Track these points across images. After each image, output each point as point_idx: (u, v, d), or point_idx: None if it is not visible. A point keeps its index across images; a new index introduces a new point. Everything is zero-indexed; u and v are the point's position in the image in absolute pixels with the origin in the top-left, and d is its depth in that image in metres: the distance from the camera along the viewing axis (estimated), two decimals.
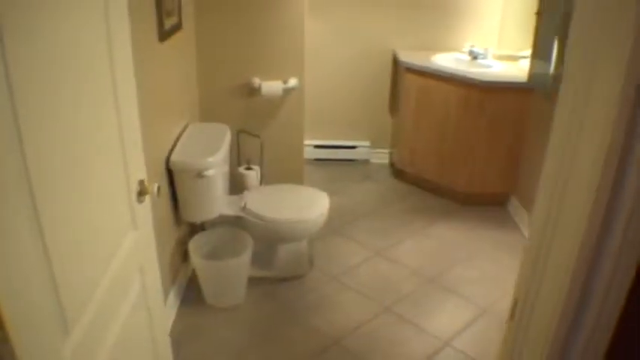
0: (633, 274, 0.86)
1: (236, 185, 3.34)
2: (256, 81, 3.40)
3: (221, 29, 3.30)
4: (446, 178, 4.08)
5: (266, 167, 3.59)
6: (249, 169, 3.36)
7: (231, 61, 3.38)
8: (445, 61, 4.08)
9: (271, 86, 3.39)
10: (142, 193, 1.76)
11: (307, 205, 3.11)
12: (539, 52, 3.30)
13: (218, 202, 2.98)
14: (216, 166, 2.81)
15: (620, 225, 0.84)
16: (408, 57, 4.10)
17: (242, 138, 3.52)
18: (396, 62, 4.36)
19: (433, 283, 3.21)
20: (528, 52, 4.02)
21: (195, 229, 3.15)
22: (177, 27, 2.83)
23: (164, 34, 2.60)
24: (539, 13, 3.23)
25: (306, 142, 4.20)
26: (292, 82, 3.43)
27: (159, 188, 1.82)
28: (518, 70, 3.94)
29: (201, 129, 3.15)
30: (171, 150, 2.78)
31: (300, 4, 3.30)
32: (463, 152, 3.92)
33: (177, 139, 2.92)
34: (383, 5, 4.21)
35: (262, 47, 3.37)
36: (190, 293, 3.03)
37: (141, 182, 1.76)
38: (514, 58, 4.11)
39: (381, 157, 4.71)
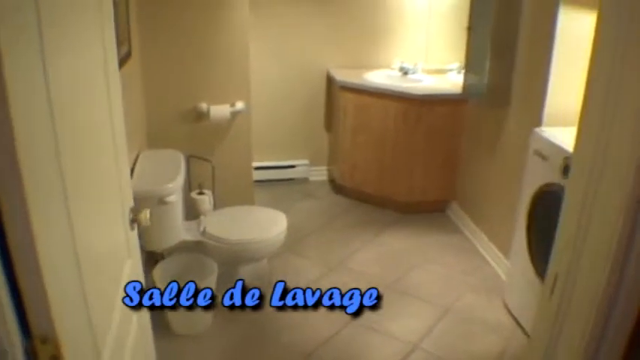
0: None
1: (189, 211, 3.32)
2: (204, 106, 3.42)
3: (167, 56, 3.30)
4: (387, 189, 4.23)
5: (218, 191, 3.59)
6: (201, 193, 3.35)
7: (178, 86, 3.38)
8: (378, 77, 4.26)
9: (219, 110, 3.41)
10: (134, 220, 1.75)
11: (266, 225, 3.15)
12: (472, 64, 3.52)
13: (179, 229, 2.96)
14: (177, 191, 2.81)
15: None
16: (342, 75, 4.24)
17: (192, 163, 3.52)
18: (330, 81, 4.49)
19: (392, 289, 3.32)
20: (455, 64, 4.28)
21: (153, 258, 3.11)
22: (127, 55, 2.82)
23: (119, 63, 2.57)
24: (470, 28, 3.45)
25: None
26: (239, 105, 3.47)
27: (150, 214, 1.82)
28: (448, 82, 4.17)
29: (154, 156, 3.12)
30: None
31: (244, 27, 3.36)
32: (402, 163, 4.09)
33: (132, 168, 2.89)
34: (314, 25, 4.34)
35: (208, 72, 3.39)
36: (156, 323, 2.97)
37: (133, 209, 1.76)
38: (442, 72, 4.35)
39: (320, 174, 4.81)
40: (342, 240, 3.86)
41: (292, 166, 4.72)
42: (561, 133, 2.74)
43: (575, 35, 2.77)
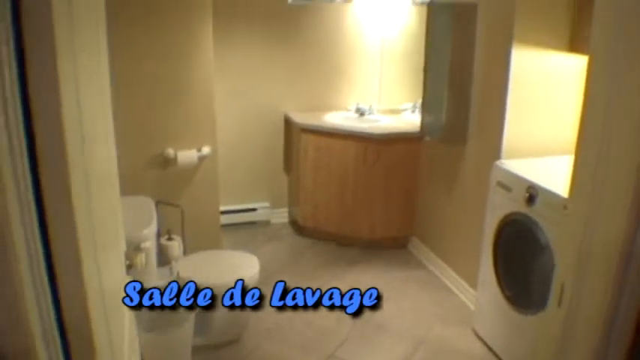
0: None
1: (159, 257, 3.30)
2: (170, 151, 3.44)
3: (133, 103, 3.33)
4: (349, 228, 4.31)
5: (186, 236, 3.59)
6: (170, 239, 3.35)
7: (145, 133, 3.41)
8: (336, 119, 4.39)
9: (187, 155, 3.45)
10: (130, 266, 1.76)
11: (239, 267, 3.16)
12: (429, 104, 3.69)
13: (153, 275, 2.95)
14: (151, 237, 2.81)
15: None
16: (301, 118, 4.35)
17: (160, 209, 3.51)
18: (288, 124, 4.59)
19: (365, 324, 3.37)
20: (409, 104, 4.47)
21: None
22: None
23: None
24: (426, 70, 3.63)
25: None
26: (206, 149, 3.51)
27: (146, 258, 1.83)
28: (403, 121, 4.35)
29: (125, 203, 3.09)
30: None
31: (209, 73, 3.44)
32: (363, 201, 4.19)
33: None
34: (272, 69, 4.44)
35: (175, 117, 3.44)
36: None
37: (127, 254, 1.78)
38: (396, 111, 4.53)
39: (281, 216, 4.86)
40: (309, 279, 3.89)
41: (253, 209, 4.75)
42: (521, 164, 2.92)
43: (527, 71, 2.98)
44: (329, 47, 4.54)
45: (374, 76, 4.64)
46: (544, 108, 3.07)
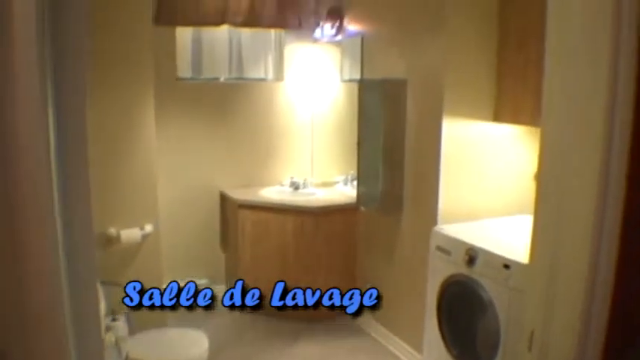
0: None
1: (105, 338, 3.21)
2: (112, 231, 3.42)
3: None
4: (291, 300, 4.34)
5: (131, 315, 3.51)
6: (115, 320, 3.27)
7: None
8: (272, 194, 4.50)
9: (130, 234, 3.44)
10: None
11: (189, 345, 3.13)
12: (363, 176, 3.88)
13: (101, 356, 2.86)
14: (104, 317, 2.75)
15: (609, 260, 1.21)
16: (237, 194, 4.43)
17: (103, 289, 3.44)
18: (224, 200, 4.65)
19: None
20: (341, 177, 4.66)
21: None
22: None
23: None
24: (359, 144, 3.84)
25: None
26: (148, 227, 3.52)
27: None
28: (338, 193, 4.53)
29: None
30: None
31: (152, 153, 3.49)
32: (304, 274, 4.26)
33: None
34: (207, 147, 4.54)
35: (117, 197, 3.43)
36: None
37: None
38: (330, 184, 4.71)
39: (219, 292, 4.82)
40: (254, 355, 3.87)
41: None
42: (458, 228, 3.11)
43: (457, 140, 3.24)
44: (262, 124, 4.71)
45: (306, 151, 4.83)
46: (475, 173, 3.32)
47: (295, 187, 4.62)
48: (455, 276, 2.99)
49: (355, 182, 4.15)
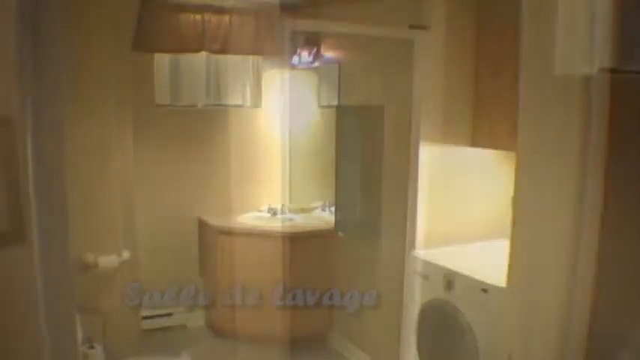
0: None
1: None
2: (90, 256, 3.38)
3: None
4: (269, 326, 4.31)
5: (108, 343, 3.45)
6: (92, 347, 3.22)
7: None
8: (250, 220, 4.49)
9: (108, 260, 3.40)
10: None
11: None
12: (341, 202, 3.90)
13: None
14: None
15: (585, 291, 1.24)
16: (216, 220, 4.41)
17: (79, 315, 3.38)
18: (202, 226, 4.62)
19: None
20: (319, 202, 4.67)
21: None
22: None
23: None
24: (338, 169, 3.87)
25: None
26: (126, 254, 3.48)
27: None
28: (315, 218, 4.54)
29: None
30: None
31: (129, 177, 3.47)
32: (283, 298, 4.24)
33: None
34: (186, 170, 4.55)
35: (93, 222, 3.39)
36: None
37: None
38: (307, 210, 4.72)
39: (197, 319, 4.77)
40: None
41: (169, 314, 4.65)
42: (436, 253, 3.14)
43: (435, 165, 3.27)
44: (240, 150, 4.70)
45: (284, 177, 4.83)
46: (453, 198, 3.35)
47: (273, 212, 4.61)
48: (433, 301, 3.00)
49: (333, 208, 4.17)
